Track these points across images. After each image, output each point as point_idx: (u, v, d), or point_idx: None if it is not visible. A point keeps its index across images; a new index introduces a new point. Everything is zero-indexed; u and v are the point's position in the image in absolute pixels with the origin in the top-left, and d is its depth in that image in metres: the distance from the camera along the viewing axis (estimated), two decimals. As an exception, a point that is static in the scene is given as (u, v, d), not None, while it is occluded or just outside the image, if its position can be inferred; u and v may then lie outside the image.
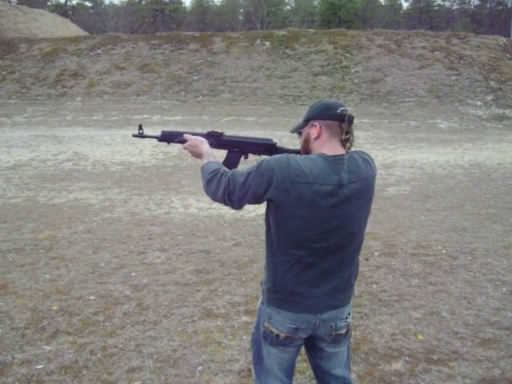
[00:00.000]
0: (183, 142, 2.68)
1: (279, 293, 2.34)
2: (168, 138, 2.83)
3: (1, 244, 6.30)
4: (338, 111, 2.28)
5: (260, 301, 2.49)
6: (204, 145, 2.62)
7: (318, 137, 2.31)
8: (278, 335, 2.37)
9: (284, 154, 2.31)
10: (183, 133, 2.73)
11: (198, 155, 2.62)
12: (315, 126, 2.32)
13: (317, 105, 2.38)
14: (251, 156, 2.81)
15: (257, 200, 2.30)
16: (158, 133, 2.86)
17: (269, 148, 2.72)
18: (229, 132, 2.95)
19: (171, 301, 4.73)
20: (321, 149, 2.29)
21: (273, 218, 2.30)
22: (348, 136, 2.29)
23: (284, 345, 2.39)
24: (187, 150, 2.66)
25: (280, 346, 2.39)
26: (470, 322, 4.36)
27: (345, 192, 2.23)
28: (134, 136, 2.94)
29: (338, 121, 2.28)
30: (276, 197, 2.21)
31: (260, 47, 25.52)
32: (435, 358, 3.80)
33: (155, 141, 2.90)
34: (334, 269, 2.32)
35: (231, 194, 2.30)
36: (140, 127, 2.89)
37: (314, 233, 2.23)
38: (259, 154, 2.71)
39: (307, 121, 2.38)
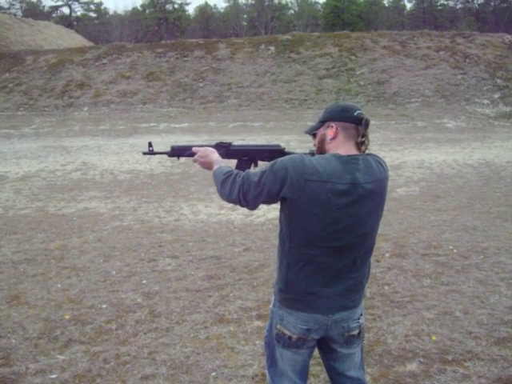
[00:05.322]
0: (192, 155, 2.71)
1: (291, 293, 2.34)
2: (178, 152, 2.88)
3: (12, 255, 6.33)
4: (355, 114, 2.30)
5: (272, 303, 2.49)
6: (214, 154, 2.63)
7: (333, 138, 2.32)
8: (290, 337, 2.36)
9: (297, 154, 2.33)
10: (192, 146, 2.75)
11: (208, 165, 2.62)
12: (332, 127, 2.32)
13: (333, 107, 2.39)
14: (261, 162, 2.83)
15: (271, 199, 2.30)
16: (168, 143, 2.90)
17: (277, 153, 2.72)
18: (236, 138, 2.96)
19: (183, 307, 4.73)
20: (336, 150, 2.30)
21: (286, 217, 2.30)
22: (364, 139, 2.31)
23: (297, 346, 2.39)
24: (197, 162, 2.67)
25: (293, 348, 2.39)
26: (483, 321, 4.33)
27: (359, 191, 2.23)
28: (144, 154, 3.01)
29: (355, 123, 2.30)
30: (290, 195, 2.21)
31: (265, 52, 25.58)
32: (450, 358, 3.77)
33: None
34: (347, 269, 2.32)
35: (246, 194, 2.30)
36: (150, 144, 2.96)
37: (327, 231, 2.23)
38: (268, 161, 2.72)
39: (323, 122, 2.38)
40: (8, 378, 3.63)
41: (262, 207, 7.83)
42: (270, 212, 7.80)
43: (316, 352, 2.58)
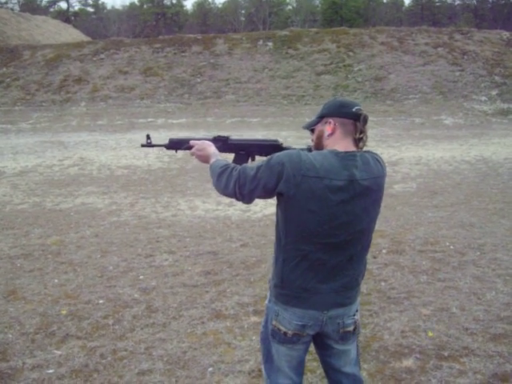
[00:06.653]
0: (190, 148, 2.72)
1: (287, 289, 2.34)
2: (175, 145, 2.89)
3: (9, 250, 6.32)
4: (354, 110, 2.29)
5: (267, 299, 2.49)
6: (211, 147, 2.63)
7: (331, 133, 2.31)
8: (285, 333, 2.37)
9: (295, 149, 2.32)
10: (190, 139, 2.76)
11: (205, 158, 2.63)
12: (330, 122, 2.31)
13: (332, 102, 2.38)
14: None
15: (267, 194, 2.29)
16: (165, 138, 2.90)
17: (275, 148, 2.72)
18: (234, 133, 2.96)
19: (180, 303, 4.74)
20: (333, 146, 2.29)
21: (282, 213, 2.30)
22: (362, 135, 2.30)
23: (292, 342, 2.39)
24: (194, 155, 2.68)
25: (288, 344, 2.40)
26: (480, 317, 4.35)
27: (355, 188, 2.22)
28: (142, 146, 3.02)
29: (353, 119, 2.29)
30: (286, 190, 2.21)
31: (263, 48, 25.53)
32: (446, 354, 3.78)
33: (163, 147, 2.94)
34: (343, 266, 2.32)
35: (242, 188, 2.30)
36: (148, 137, 2.97)
37: (323, 228, 2.23)
38: (266, 156, 2.72)
39: (321, 118, 2.37)
40: (5, 372, 3.63)
41: (259, 203, 7.84)
42: (267, 208, 7.80)
43: (313, 347, 2.59)
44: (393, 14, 76.28)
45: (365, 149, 2.38)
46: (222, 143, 2.77)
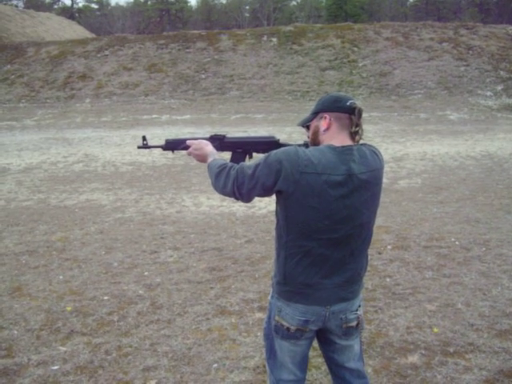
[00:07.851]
0: (187, 148, 2.71)
1: (290, 285, 2.34)
2: (172, 145, 2.88)
3: (14, 247, 6.33)
4: (348, 104, 2.29)
5: (270, 295, 2.49)
6: (208, 146, 2.62)
7: (327, 129, 2.31)
8: (288, 328, 2.36)
9: (292, 146, 2.31)
10: (186, 139, 2.75)
11: (203, 157, 2.62)
12: (325, 118, 2.31)
13: (326, 98, 2.38)
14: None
15: (266, 192, 2.29)
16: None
17: (272, 145, 2.71)
18: (239, 130, 2.95)
19: (185, 299, 4.74)
20: (330, 141, 2.29)
21: (282, 210, 2.30)
22: (357, 129, 2.30)
23: (295, 338, 2.39)
24: (192, 155, 2.67)
25: (291, 339, 2.39)
26: (485, 313, 4.33)
27: (354, 182, 2.22)
28: (138, 147, 3.01)
29: (348, 113, 2.28)
30: (286, 188, 2.20)
31: (267, 44, 25.49)
32: (451, 350, 3.77)
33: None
34: (345, 261, 2.32)
35: (240, 187, 2.29)
36: (144, 138, 2.97)
37: (324, 223, 2.22)
38: (263, 152, 2.71)
39: (316, 113, 2.37)
40: (10, 369, 3.64)
41: (264, 199, 7.83)
42: (272, 204, 7.78)
43: (317, 343, 2.58)
44: (397, 9, 75.97)
45: (366, 142, 2.38)
46: (219, 142, 2.76)
